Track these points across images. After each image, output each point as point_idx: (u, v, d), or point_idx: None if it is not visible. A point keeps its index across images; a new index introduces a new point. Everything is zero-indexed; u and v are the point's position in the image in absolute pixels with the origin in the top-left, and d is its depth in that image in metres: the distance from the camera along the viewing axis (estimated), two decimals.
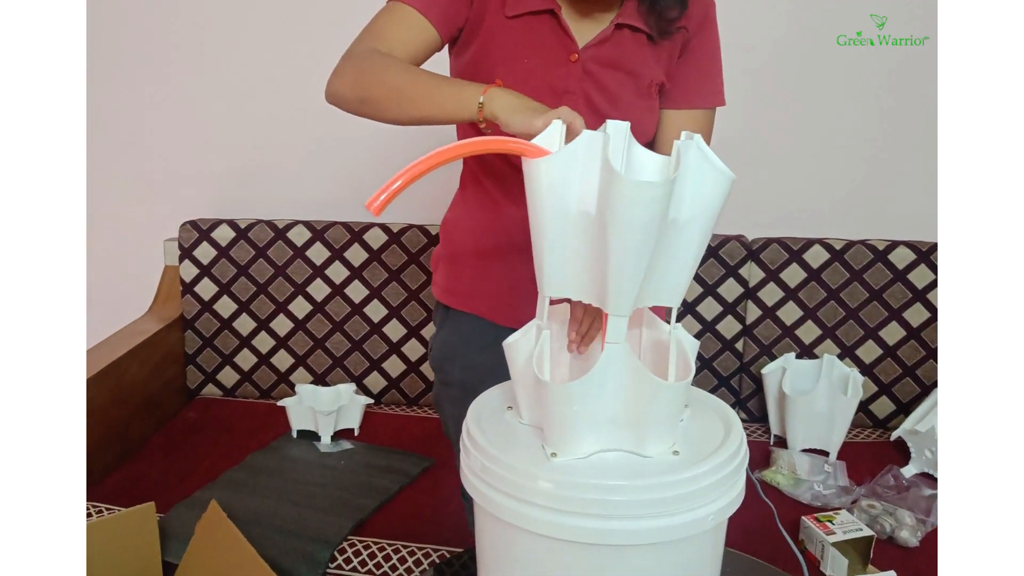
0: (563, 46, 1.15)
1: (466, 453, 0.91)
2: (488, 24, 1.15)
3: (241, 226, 2.13)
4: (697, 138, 0.81)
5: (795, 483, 1.74)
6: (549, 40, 1.15)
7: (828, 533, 1.47)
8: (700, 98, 1.23)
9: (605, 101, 1.17)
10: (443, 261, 1.33)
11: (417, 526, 1.60)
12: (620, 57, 1.17)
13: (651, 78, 1.18)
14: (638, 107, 1.19)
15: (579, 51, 1.15)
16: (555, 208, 0.83)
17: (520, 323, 0.94)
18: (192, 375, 2.18)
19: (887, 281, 1.97)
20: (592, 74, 1.16)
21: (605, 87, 1.17)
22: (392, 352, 2.14)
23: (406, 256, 2.09)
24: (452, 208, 1.35)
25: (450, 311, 1.32)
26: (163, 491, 1.68)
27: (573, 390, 0.84)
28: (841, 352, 2.01)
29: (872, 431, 2.04)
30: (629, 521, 0.81)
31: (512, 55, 1.15)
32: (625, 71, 1.17)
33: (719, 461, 0.86)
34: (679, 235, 0.82)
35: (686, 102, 1.22)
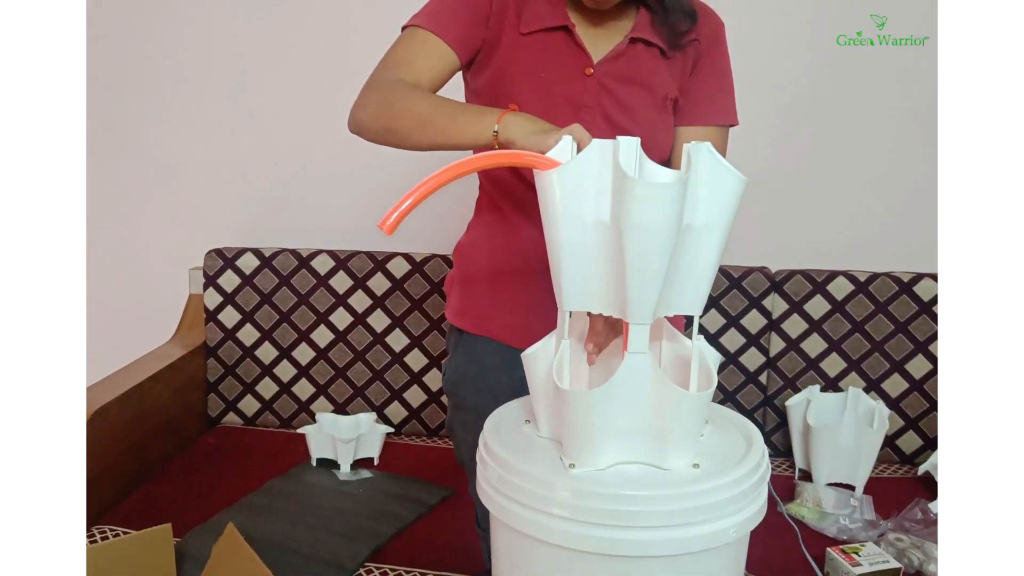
0: (578, 61, 1.17)
1: (483, 465, 0.91)
2: (505, 42, 1.17)
3: (266, 255, 2.14)
4: (708, 143, 0.81)
5: (820, 517, 1.71)
6: (564, 55, 1.17)
7: (854, 565, 1.44)
8: (713, 114, 1.24)
9: (622, 114, 1.18)
10: (457, 283, 1.33)
11: (433, 554, 1.58)
12: (635, 71, 1.18)
13: (665, 92, 1.19)
14: (654, 121, 1.20)
15: (594, 66, 1.17)
16: (570, 219, 0.83)
17: None
18: (213, 403, 2.19)
19: (912, 313, 1.95)
20: (608, 88, 1.17)
21: (621, 101, 1.18)
22: (413, 382, 2.13)
23: (428, 285, 2.10)
24: (467, 232, 1.35)
25: (464, 334, 1.31)
26: (180, 514, 1.67)
27: (593, 398, 0.83)
28: (866, 385, 1.98)
29: (899, 466, 2.00)
30: (648, 532, 0.80)
31: (530, 70, 1.17)
32: (640, 85, 1.18)
33: (740, 474, 0.85)
34: (696, 240, 0.82)
35: (699, 118, 1.23)
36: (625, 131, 1.12)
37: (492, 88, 1.18)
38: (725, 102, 1.25)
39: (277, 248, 2.16)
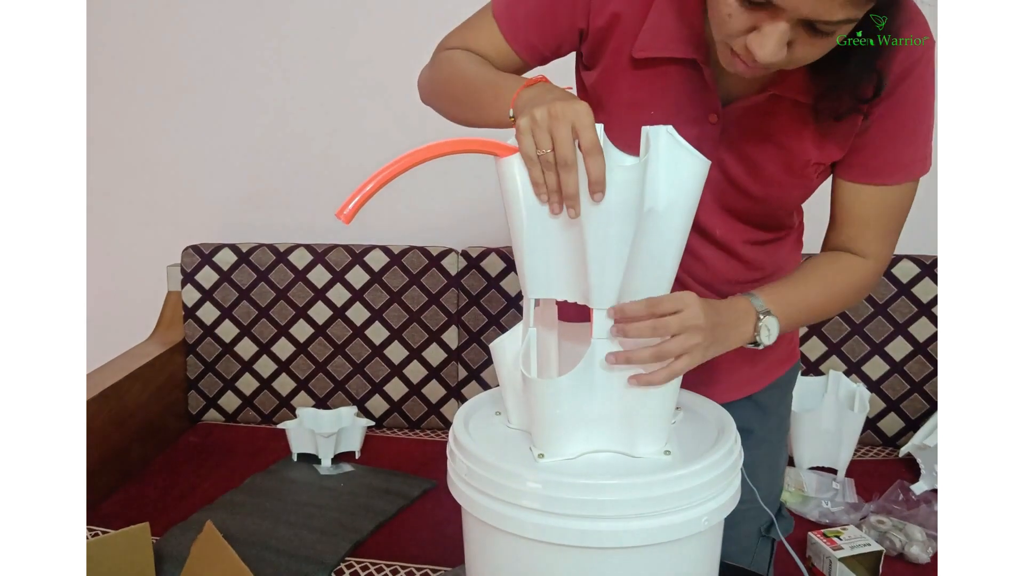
0: (702, 103, 0.96)
1: (452, 458, 0.90)
2: (608, 63, 0.98)
3: (243, 250, 2.13)
4: (670, 127, 0.80)
5: (803, 501, 1.71)
6: (684, 94, 0.96)
7: (835, 548, 1.44)
8: (893, 171, 0.99)
9: (745, 172, 0.99)
10: None
11: (415, 547, 1.57)
12: (771, 129, 0.97)
13: (808, 158, 0.98)
14: (785, 184, 1.01)
15: (720, 112, 0.96)
16: (531, 205, 0.82)
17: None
18: (194, 400, 2.17)
19: (891, 295, 1.95)
20: (733, 140, 0.98)
21: (747, 156, 0.98)
22: (394, 375, 2.12)
23: (407, 277, 2.09)
24: None
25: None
26: (161, 513, 1.66)
27: (559, 386, 0.82)
28: (847, 368, 1.98)
29: (881, 449, 2.00)
30: (619, 522, 0.79)
31: (635, 103, 0.97)
32: (776, 144, 0.97)
33: (712, 461, 0.84)
34: (658, 224, 0.81)
35: (870, 176, 1.00)
36: (745, 191, 1.01)
37: (593, 106, 0.85)
38: (912, 154, 0.98)
39: (254, 243, 2.14)
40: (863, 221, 1.03)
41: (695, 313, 0.85)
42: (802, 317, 1.02)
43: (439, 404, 2.13)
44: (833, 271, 1.05)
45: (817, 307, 1.03)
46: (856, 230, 1.03)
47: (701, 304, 0.86)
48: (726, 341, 0.92)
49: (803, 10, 0.74)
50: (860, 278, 1.06)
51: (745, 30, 0.79)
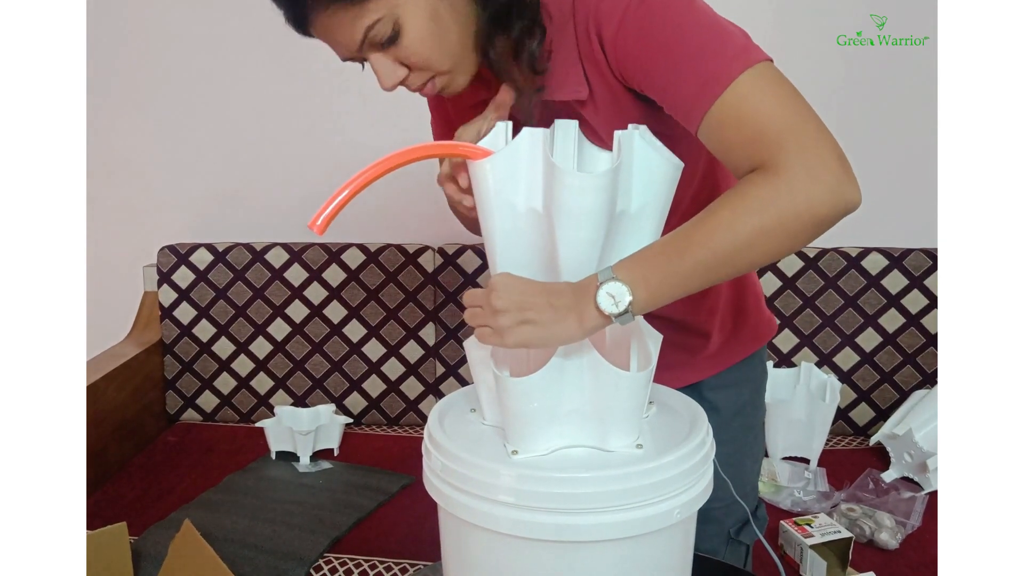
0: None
1: (427, 455, 0.91)
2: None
3: (219, 249, 2.13)
4: (643, 128, 0.82)
5: (775, 490, 1.74)
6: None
7: (806, 536, 1.47)
8: (689, 106, 0.85)
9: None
10: None
11: (394, 542, 1.59)
12: (596, 126, 0.94)
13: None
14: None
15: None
16: (503, 207, 0.83)
17: None
18: (172, 400, 2.17)
19: (861, 287, 1.98)
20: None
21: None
22: (371, 372, 2.13)
23: (384, 275, 2.09)
24: None
25: None
26: (139, 513, 1.66)
27: (532, 383, 0.84)
28: (819, 360, 2.01)
29: (852, 438, 2.04)
30: (592, 516, 0.81)
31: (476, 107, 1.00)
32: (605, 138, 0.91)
33: (683, 452, 0.85)
34: (631, 226, 0.82)
35: (686, 121, 0.86)
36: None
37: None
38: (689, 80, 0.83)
39: (230, 243, 2.14)
40: (721, 153, 0.86)
41: (496, 296, 0.83)
42: (674, 271, 0.80)
43: (417, 401, 2.14)
44: (705, 211, 0.82)
45: (692, 253, 0.80)
46: (727, 162, 0.86)
47: (507, 286, 0.82)
48: (552, 320, 0.82)
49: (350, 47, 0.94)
50: (740, 197, 0.80)
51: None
